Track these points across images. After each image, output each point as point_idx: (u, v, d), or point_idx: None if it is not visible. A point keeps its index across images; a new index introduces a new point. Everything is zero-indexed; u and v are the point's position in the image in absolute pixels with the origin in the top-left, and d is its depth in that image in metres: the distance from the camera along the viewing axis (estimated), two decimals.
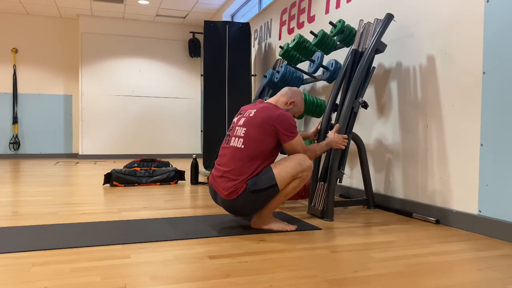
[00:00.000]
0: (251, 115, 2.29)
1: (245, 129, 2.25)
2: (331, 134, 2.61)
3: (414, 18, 2.80)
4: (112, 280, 1.48)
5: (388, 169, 3.03)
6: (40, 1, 7.15)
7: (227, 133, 2.41)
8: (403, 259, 1.77)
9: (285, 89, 2.49)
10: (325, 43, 3.32)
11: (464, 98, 2.38)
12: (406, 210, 2.77)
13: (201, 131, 7.08)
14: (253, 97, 5.52)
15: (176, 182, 4.30)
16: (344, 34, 3.21)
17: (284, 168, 2.19)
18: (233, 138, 2.29)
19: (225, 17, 7.26)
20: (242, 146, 2.21)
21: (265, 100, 3.49)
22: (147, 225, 2.35)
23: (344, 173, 2.72)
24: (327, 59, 3.88)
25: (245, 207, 2.23)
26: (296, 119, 4.36)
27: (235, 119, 2.41)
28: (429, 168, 2.63)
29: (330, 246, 1.97)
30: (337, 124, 2.67)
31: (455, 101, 2.45)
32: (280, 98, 2.44)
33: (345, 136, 2.62)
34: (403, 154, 2.87)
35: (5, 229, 2.22)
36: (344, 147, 2.61)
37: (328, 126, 2.84)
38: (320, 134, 2.79)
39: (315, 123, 4.09)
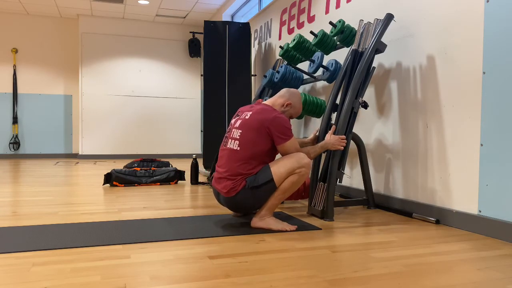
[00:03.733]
0: (247, 117, 2.34)
1: (240, 131, 2.32)
2: (328, 136, 2.63)
3: (414, 18, 2.80)
4: (112, 280, 1.48)
5: (388, 169, 3.03)
6: (40, 1, 7.15)
7: (225, 134, 2.46)
8: (403, 259, 1.77)
9: (283, 91, 2.53)
10: (325, 43, 3.32)
11: (464, 98, 2.38)
12: (406, 210, 2.77)
13: (201, 131, 7.08)
14: (253, 97, 5.52)
15: (176, 182, 4.30)
16: (344, 34, 3.21)
17: (282, 164, 2.25)
18: (230, 140, 2.36)
19: (225, 17, 7.26)
20: (238, 148, 2.29)
21: (265, 100, 3.49)
22: (147, 225, 2.35)
23: (344, 173, 2.72)
24: (327, 59, 3.88)
25: (245, 203, 2.31)
26: (296, 119, 4.36)
27: (232, 121, 2.47)
28: (429, 168, 2.63)
29: (330, 246, 1.97)
30: (333, 126, 2.69)
31: (455, 101, 2.45)
32: (277, 99, 2.49)
33: (343, 136, 2.63)
34: (403, 154, 2.87)
35: (5, 229, 2.22)
36: (342, 147, 2.61)
37: (328, 126, 2.84)
38: (319, 137, 2.80)
39: (315, 124, 4.09)
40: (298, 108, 2.55)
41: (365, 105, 2.79)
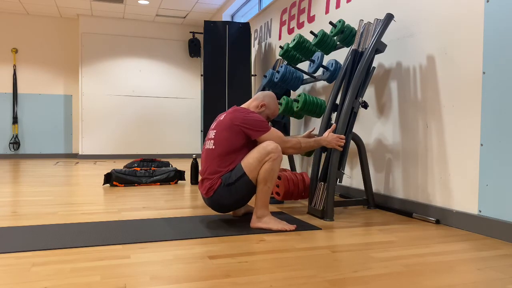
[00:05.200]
0: (221, 118, 2.43)
1: (215, 131, 2.39)
2: (326, 133, 2.63)
3: (414, 18, 2.80)
4: (112, 280, 1.48)
5: (388, 169, 3.03)
6: (40, 1, 7.15)
7: (205, 138, 2.49)
8: (403, 259, 1.77)
9: (258, 94, 2.61)
10: (325, 43, 3.32)
11: (464, 98, 2.38)
12: (406, 210, 2.77)
13: (201, 131, 7.09)
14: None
15: (176, 182, 4.30)
16: (344, 34, 3.21)
17: (250, 156, 2.29)
18: (207, 141, 2.43)
19: (225, 17, 7.26)
20: (213, 147, 2.36)
21: None
22: (147, 225, 2.35)
23: (344, 173, 2.72)
24: (327, 59, 3.88)
25: (224, 201, 2.33)
26: (296, 119, 4.36)
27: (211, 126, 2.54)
28: (429, 168, 2.63)
29: (330, 246, 1.97)
30: (334, 124, 2.69)
31: (455, 101, 2.45)
32: (252, 102, 2.58)
33: (341, 136, 2.63)
34: (403, 154, 2.87)
35: (5, 229, 2.22)
36: (339, 147, 2.61)
37: (328, 126, 2.84)
38: (318, 136, 2.80)
39: (315, 124, 4.10)
40: (274, 109, 2.60)
41: (365, 105, 2.79)
